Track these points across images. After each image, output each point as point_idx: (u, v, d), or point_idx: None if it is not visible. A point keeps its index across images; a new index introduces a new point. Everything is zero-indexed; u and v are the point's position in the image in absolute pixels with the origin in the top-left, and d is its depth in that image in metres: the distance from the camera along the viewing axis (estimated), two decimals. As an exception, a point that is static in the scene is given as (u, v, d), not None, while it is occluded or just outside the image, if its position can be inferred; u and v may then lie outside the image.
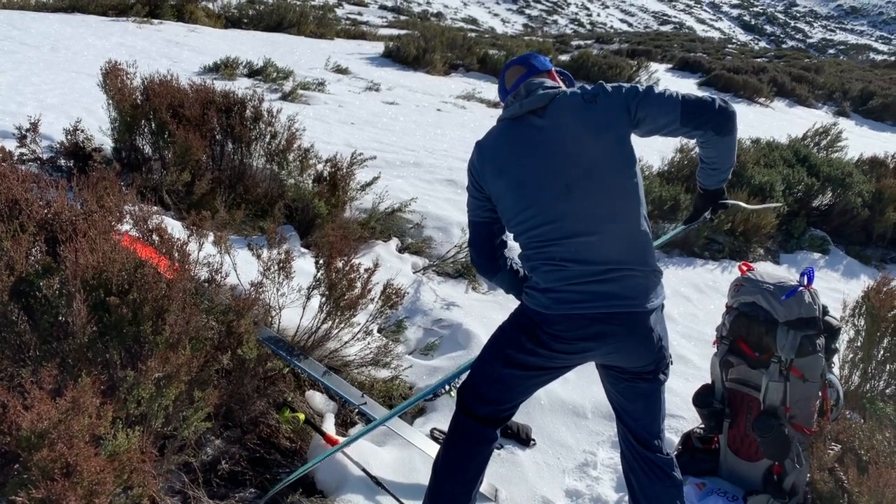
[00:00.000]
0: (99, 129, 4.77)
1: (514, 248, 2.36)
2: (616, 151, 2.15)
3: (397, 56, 13.06)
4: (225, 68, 9.00)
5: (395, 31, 19.62)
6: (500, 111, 9.23)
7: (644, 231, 2.18)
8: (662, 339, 2.21)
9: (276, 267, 2.91)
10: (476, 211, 2.37)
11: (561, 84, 2.38)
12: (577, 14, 73.82)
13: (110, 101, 4.52)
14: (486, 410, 2.35)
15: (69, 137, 4.45)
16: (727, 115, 2.22)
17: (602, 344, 2.16)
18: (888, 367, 3.61)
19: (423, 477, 2.76)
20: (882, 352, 3.64)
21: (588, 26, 65.43)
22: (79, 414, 1.78)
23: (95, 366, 2.17)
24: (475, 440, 2.37)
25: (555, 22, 67.16)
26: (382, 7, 45.74)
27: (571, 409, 3.40)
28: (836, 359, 3.27)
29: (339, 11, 33.44)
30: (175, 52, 9.95)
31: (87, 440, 1.78)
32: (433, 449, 2.83)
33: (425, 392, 2.90)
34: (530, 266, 2.25)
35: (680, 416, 3.47)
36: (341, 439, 2.74)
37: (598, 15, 76.28)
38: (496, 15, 65.55)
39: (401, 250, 4.84)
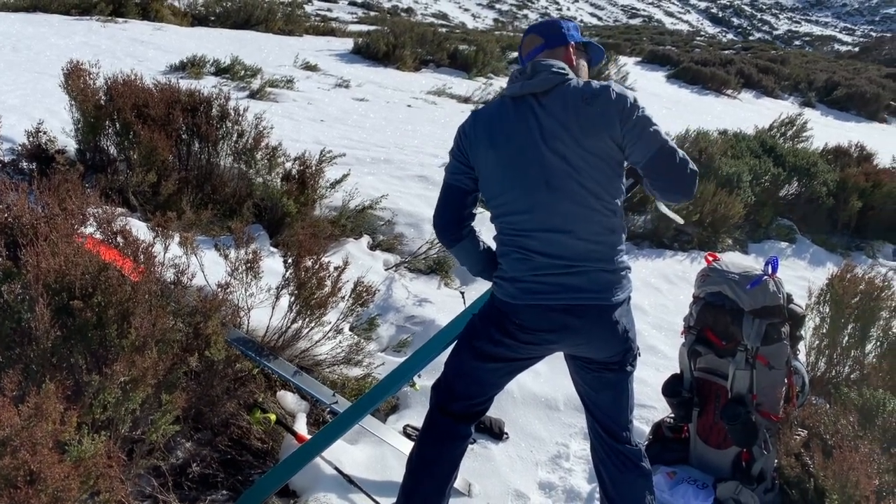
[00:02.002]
0: (62, 131, 4.69)
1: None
2: (604, 154, 2.12)
3: (367, 52, 13.01)
4: (191, 67, 8.89)
5: (365, 28, 19.52)
6: (471, 106, 9.27)
7: (618, 233, 2.19)
8: (629, 331, 2.22)
9: (243, 267, 2.89)
10: (455, 175, 2.33)
11: (579, 62, 2.33)
12: (546, 8, 74.09)
13: (73, 102, 4.44)
14: (459, 406, 2.36)
15: (31, 139, 4.37)
16: (683, 191, 2.15)
17: (567, 335, 2.18)
18: (852, 353, 3.69)
19: (397, 474, 2.76)
20: (846, 338, 3.72)
21: (558, 20, 65.52)
22: (42, 420, 1.75)
23: (60, 371, 2.14)
24: (449, 437, 2.38)
25: (525, 16, 67.33)
26: (352, 3, 45.49)
27: (544, 401, 3.42)
28: (801, 346, 3.33)
29: (309, 8, 33.21)
30: (140, 51, 9.81)
31: (52, 446, 1.75)
32: (406, 446, 2.83)
33: (388, 391, 2.79)
34: (501, 251, 2.27)
35: (651, 406, 3.51)
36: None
37: (568, 9, 76.63)
38: (466, 10, 65.55)
39: (372, 247, 4.83)
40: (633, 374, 2.32)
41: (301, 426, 2.86)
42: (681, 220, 2.85)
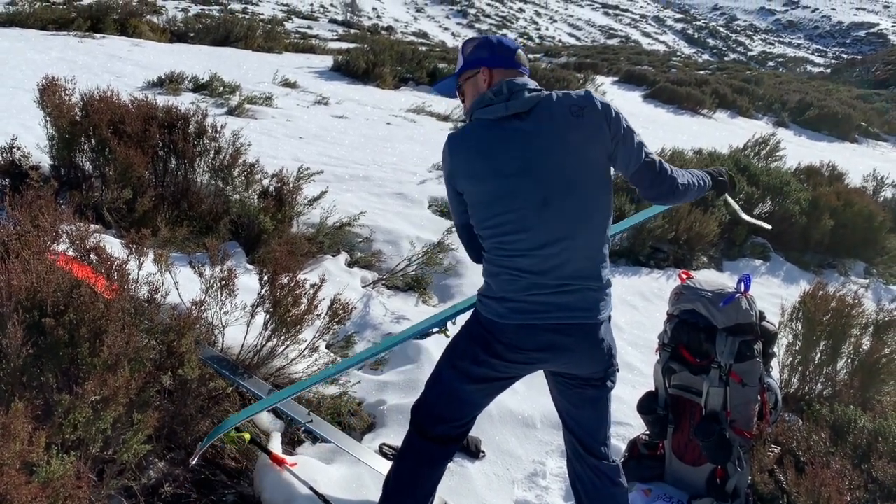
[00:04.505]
0: (37, 147, 4.64)
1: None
2: (593, 168, 2.14)
3: (347, 70, 13.03)
4: (170, 83, 8.86)
5: (345, 45, 19.60)
6: (449, 124, 9.23)
7: (605, 248, 2.21)
8: (612, 348, 2.25)
9: (218, 284, 2.87)
10: (458, 210, 2.31)
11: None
12: (525, 28, 74.88)
13: (48, 118, 4.41)
14: (441, 429, 2.34)
15: (4, 155, 4.33)
16: (673, 197, 2.33)
17: (555, 354, 2.19)
18: (824, 370, 3.74)
19: (373, 494, 2.74)
20: (819, 355, 3.77)
21: (537, 40, 66.39)
22: (9, 441, 1.73)
23: (30, 390, 2.11)
24: (429, 460, 2.36)
25: (504, 35, 67.94)
26: (333, 21, 45.68)
27: (521, 419, 3.42)
28: (774, 363, 3.37)
29: (289, 25, 33.30)
30: (118, 67, 9.76)
31: (19, 468, 1.73)
32: (382, 465, 2.81)
33: (414, 332, 2.80)
34: (490, 271, 2.24)
35: (627, 424, 3.52)
36: (288, 458, 2.72)
37: (547, 29, 77.52)
38: (446, 29, 66.07)
39: (350, 264, 4.82)
40: (612, 391, 2.34)
41: (276, 445, 2.83)
42: (765, 226, 2.99)
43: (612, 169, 2.22)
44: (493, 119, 2.16)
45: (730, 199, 2.88)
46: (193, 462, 2.53)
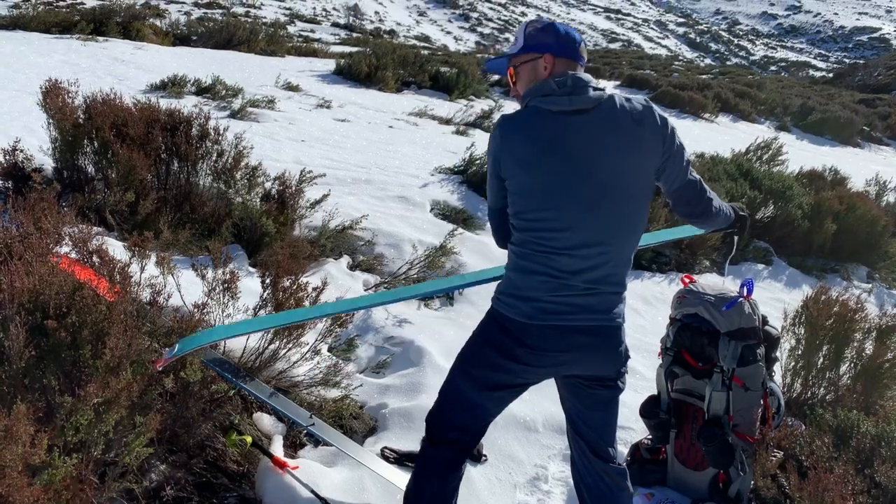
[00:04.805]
0: (40, 149, 4.65)
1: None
2: (644, 179, 2.15)
3: (349, 73, 13.05)
4: (172, 86, 8.88)
5: (347, 49, 19.63)
6: (451, 128, 9.22)
7: (631, 256, 2.23)
8: (627, 350, 2.27)
9: (221, 287, 2.87)
10: (498, 195, 2.23)
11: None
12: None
13: (51, 121, 4.41)
14: (456, 436, 2.31)
15: (7, 157, 4.33)
16: (707, 221, 2.42)
17: (579, 356, 2.18)
18: (827, 375, 3.73)
19: (374, 497, 2.74)
20: (821, 359, 3.76)
21: (539, 44, 66.35)
22: (12, 443, 1.72)
23: (32, 392, 2.11)
24: (449, 469, 2.33)
25: (507, 40, 68.03)
26: (335, 24, 45.75)
27: (523, 423, 3.41)
28: (777, 367, 3.36)
29: (292, 28, 33.37)
30: (121, 70, 9.79)
31: (21, 469, 1.72)
32: (384, 469, 2.81)
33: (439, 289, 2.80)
34: (521, 267, 2.17)
35: (629, 428, 3.52)
36: (290, 461, 2.71)
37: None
38: (449, 33, 66.18)
39: (352, 268, 4.82)
40: (622, 392, 2.34)
41: (277, 448, 2.83)
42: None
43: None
44: (553, 111, 2.09)
45: (736, 240, 2.89)
46: (159, 368, 2.42)
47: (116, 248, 3.52)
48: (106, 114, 4.39)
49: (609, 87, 18.88)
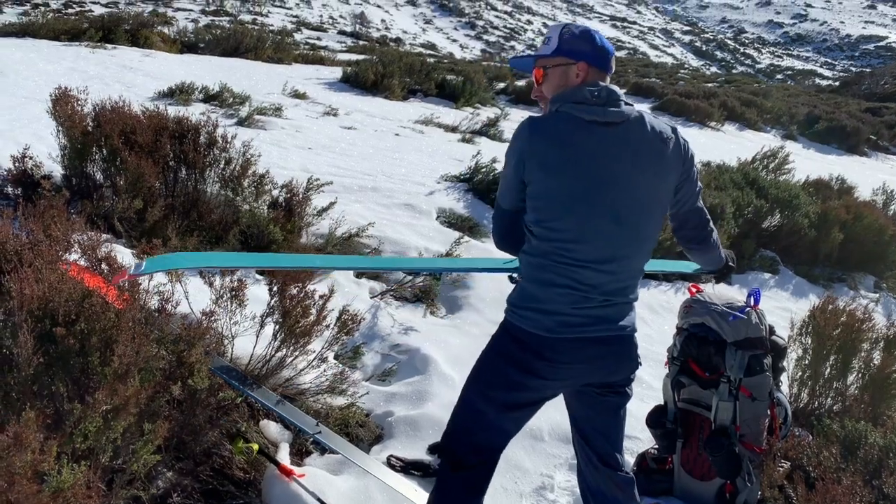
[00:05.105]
0: (49, 156, 4.68)
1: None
2: (664, 197, 2.18)
3: (356, 81, 13.09)
4: (180, 94, 8.92)
5: (353, 56, 19.70)
6: (457, 136, 9.21)
7: (643, 268, 2.25)
8: (639, 357, 2.28)
9: (228, 295, 2.88)
10: (517, 199, 2.18)
11: None
12: (533, 40, 75.09)
13: (60, 128, 4.44)
14: (478, 459, 2.30)
15: (17, 164, 4.36)
16: (707, 252, 2.46)
17: (595, 365, 2.18)
18: (834, 385, 3.72)
19: (380, 505, 2.74)
20: (828, 370, 3.75)
21: (545, 52, 66.44)
22: (21, 450, 1.73)
23: (41, 399, 2.12)
24: (473, 494, 2.31)
25: (512, 47, 68.22)
26: (341, 32, 45.94)
27: (528, 432, 3.41)
28: (784, 377, 3.36)
29: (298, 36, 33.53)
30: (129, 78, 9.84)
31: (30, 477, 1.73)
32: (390, 477, 2.81)
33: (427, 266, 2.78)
34: (540, 278, 2.14)
35: (636, 437, 3.51)
36: (296, 469, 2.72)
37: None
38: (454, 41, 66.35)
39: (358, 275, 4.83)
40: (630, 399, 2.34)
41: (284, 456, 2.83)
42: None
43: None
44: (586, 119, 2.06)
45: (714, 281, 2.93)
46: (119, 283, 2.37)
47: (125, 256, 3.54)
48: (115, 121, 4.42)
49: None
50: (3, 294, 2.25)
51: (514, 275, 2.70)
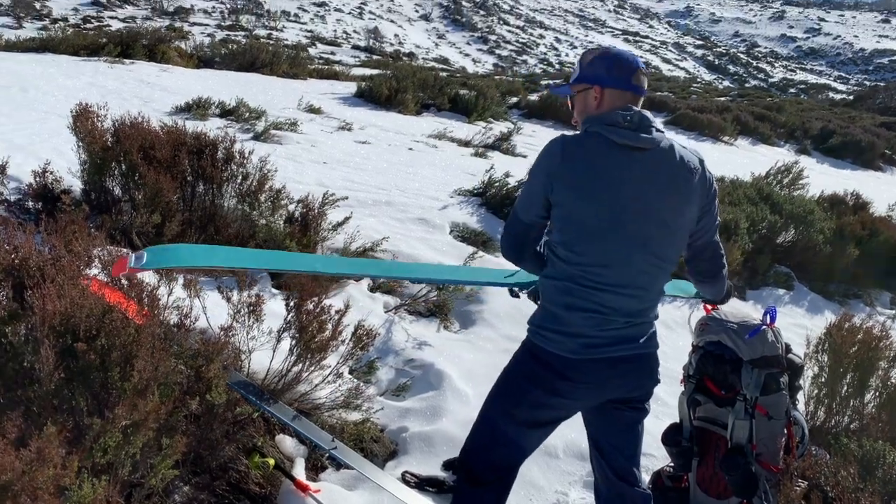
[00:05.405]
0: (68, 171, 4.74)
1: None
2: (687, 225, 2.20)
3: (370, 96, 13.18)
4: (197, 108, 9.01)
5: (367, 71, 19.83)
6: (470, 150, 9.22)
7: (663, 289, 2.30)
8: (660, 374, 2.34)
9: (246, 310, 2.91)
10: (538, 214, 2.18)
11: None
12: (545, 54, 75.33)
13: (80, 143, 4.50)
14: (495, 475, 2.31)
15: (37, 179, 4.42)
16: (715, 282, 2.50)
17: (618, 383, 2.22)
18: (851, 403, 3.69)
19: (395, 521, 2.74)
20: (845, 388, 3.72)
21: (557, 66, 66.72)
22: (44, 465, 1.75)
23: (61, 413, 2.14)
24: None
25: (524, 62, 68.41)
26: (355, 47, 46.30)
27: (543, 449, 3.39)
28: (800, 396, 3.33)
29: (313, 51, 33.83)
30: (147, 93, 9.95)
31: (52, 491, 1.75)
32: (405, 493, 2.81)
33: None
34: (563, 302, 2.15)
35: (651, 455, 3.49)
36: (312, 485, 2.73)
37: (567, 55, 77.87)
38: (467, 55, 66.64)
39: (372, 290, 4.85)
40: (647, 415, 2.37)
41: (299, 471, 2.84)
42: None
43: None
44: (617, 142, 2.07)
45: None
46: (130, 264, 2.36)
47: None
48: (134, 137, 4.47)
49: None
50: (25, 309, 2.28)
51: (516, 289, 2.75)
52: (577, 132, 2.22)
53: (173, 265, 2.32)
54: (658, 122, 2.23)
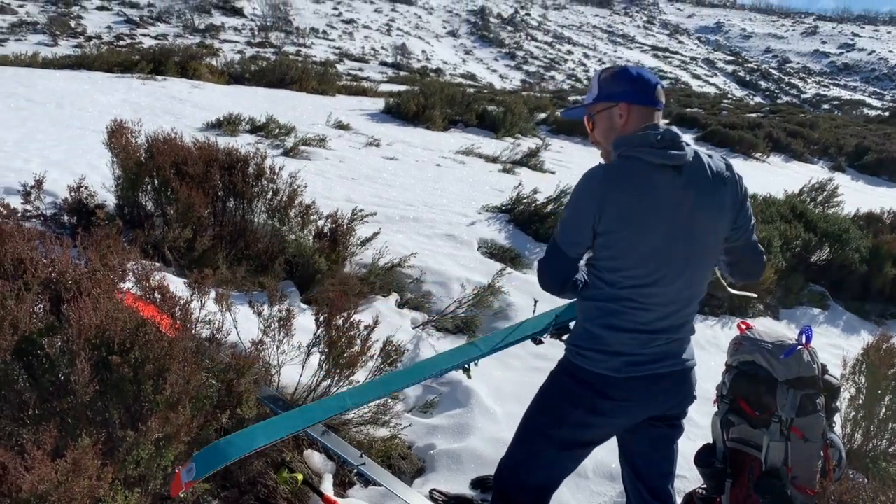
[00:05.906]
0: (102, 186, 4.83)
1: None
2: (722, 234, 2.18)
3: (397, 112, 13.28)
4: (227, 124, 9.14)
5: (395, 87, 19.99)
6: (498, 166, 9.23)
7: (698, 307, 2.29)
8: (695, 389, 2.32)
9: (276, 324, 2.92)
10: (580, 244, 2.14)
11: None
12: (573, 70, 75.29)
13: (115, 159, 4.59)
14: (531, 497, 2.29)
15: (73, 194, 4.51)
16: (757, 274, 2.44)
17: (659, 400, 2.21)
18: (890, 426, 3.60)
19: (423, 539, 2.72)
20: (884, 410, 3.63)
21: (585, 82, 66.64)
22: (79, 476, 1.77)
23: (95, 425, 2.17)
24: None
25: (552, 77, 68.43)
26: (383, 63, 46.71)
27: (572, 468, 3.36)
28: (837, 418, 3.26)
29: (341, 67, 34.19)
30: (178, 109, 10.13)
31: (87, 502, 1.77)
32: (433, 510, 2.79)
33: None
34: (610, 324, 2.13)
35: (683, 476, 3.43)
36: (340, 501, 2.72)
37: (595, 70, 77.74)
38: (494, 71, 66.86)
39: (400, 305, 4.85)
40: (682, 433, 2.36)
41: (328, 487, 2.84)
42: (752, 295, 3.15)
43: None
44: (656, 163, 2.04)
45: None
46: (185, 480, 2.19)
47: (176, 284, 3.61)
48: (167, 152, 4.54)
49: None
50: (61, 322, 2.31)
51: (538, 337, 2.72)
52: (604, 156, 2.24)
53: (222, 464, 2.32)
54: (687, 136, 2.21)
